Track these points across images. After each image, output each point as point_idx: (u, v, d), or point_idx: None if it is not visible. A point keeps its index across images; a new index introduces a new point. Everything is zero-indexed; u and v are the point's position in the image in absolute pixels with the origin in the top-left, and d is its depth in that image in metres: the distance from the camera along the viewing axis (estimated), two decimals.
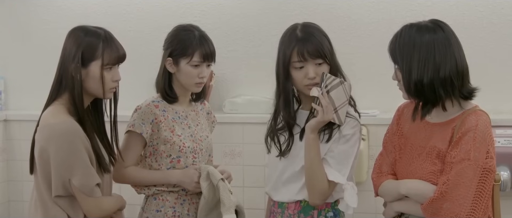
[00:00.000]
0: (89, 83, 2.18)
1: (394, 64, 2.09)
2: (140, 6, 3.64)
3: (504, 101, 3.22)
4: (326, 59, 2.19)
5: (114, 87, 2.24)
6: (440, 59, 1.99)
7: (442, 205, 1.96)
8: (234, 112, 3.44)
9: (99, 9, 3.69)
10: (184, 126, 2.50)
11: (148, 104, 2.45)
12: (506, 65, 3.25)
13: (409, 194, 2.08)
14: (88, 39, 2.17)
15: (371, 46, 3.33)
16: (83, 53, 2.15)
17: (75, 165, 2.09)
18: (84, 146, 2.12)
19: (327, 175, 2.20)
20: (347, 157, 2.24)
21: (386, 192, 2.17)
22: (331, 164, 2.22)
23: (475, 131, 1.97)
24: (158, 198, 2.48)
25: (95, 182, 2.14)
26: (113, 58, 2.18)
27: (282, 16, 3.43)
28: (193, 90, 2.51)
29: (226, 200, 2.34)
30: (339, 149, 2.23)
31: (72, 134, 2.10)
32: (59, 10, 3.75)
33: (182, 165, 2.46)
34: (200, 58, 2.42)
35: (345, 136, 2.23)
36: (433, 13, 3.31)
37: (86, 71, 2.16)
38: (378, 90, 3.25)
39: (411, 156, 2.13)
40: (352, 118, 2.25)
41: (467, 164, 1.95)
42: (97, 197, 2.16)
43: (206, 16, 3.56)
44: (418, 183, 2.06)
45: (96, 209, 2.18)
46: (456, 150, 1.98)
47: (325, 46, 2.19)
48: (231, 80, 3.56)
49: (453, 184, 1.95)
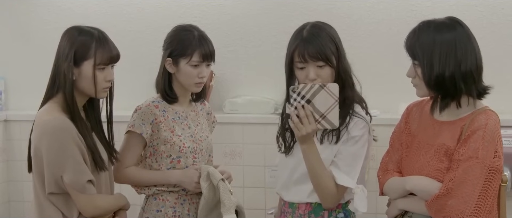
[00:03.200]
0: (82, 82, 2.19)
1: (413, 60, 2.07)
2: (140, 6, 3.64)
3: (503, 101, 3.21)
4: (328, 62, 2.16)
5: (107, 87, 2.25)
6: (462, 54, 2.01)
7: (447, 202, 1.97)
8: (234, 112, 3.44)
9: (99, 9, 3.69)
10: (184, 126, 2.50)
11: (148, 105, 2.46)
12: (506, 65, 3.25)
13: (414, 190, 2.08)
14: (81, 39, 2.18)
15: (371, 46, 3.33)
16: (75, 52, 2.16)
17: (66, 161, 2.11)
18: (75, 143, 2.12)
19: (336, 179, 2.17)
20: (356, 159, 2.21)
21: (391, 189, 2.17)
22: (340, 166, 2.19)
23: (484, 130, 1.98)
24: (158, 198, 2.48)
25: (86, 178, 2.14)
26: (105, 58, 2.19)
27: (282, 16, 3.43)
28: (193, 90, 2.51)
29: (226, 200, 2.34)
30: (348, 151, 2.20)
31: (63, 131, 2.11)
32: (60, 10, 3.75)
33: (182, 165, 2.46)
34: (199, 58, 2.42)
35: (353, 137, 2.20)
36: (434, 13, 3.30)
37: (79, 70, 2.18)
38: (378, 90, 3.24)
39: (418, 154, 2.14)
40: (360, 119, 2.23)
41: (474, 162, 1.96)
42: (90, 194, 2.17)
43: (206, 16, 3.56)
44: (424, 180, 2.07)
45: (89, 206, 2.18)
46: (464, 148, 1.99)
47: (328, 49, 2.15)
48: (231, 80, 3.56)
49: (459, 181, 1.96)
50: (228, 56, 3.55)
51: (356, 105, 2.26)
